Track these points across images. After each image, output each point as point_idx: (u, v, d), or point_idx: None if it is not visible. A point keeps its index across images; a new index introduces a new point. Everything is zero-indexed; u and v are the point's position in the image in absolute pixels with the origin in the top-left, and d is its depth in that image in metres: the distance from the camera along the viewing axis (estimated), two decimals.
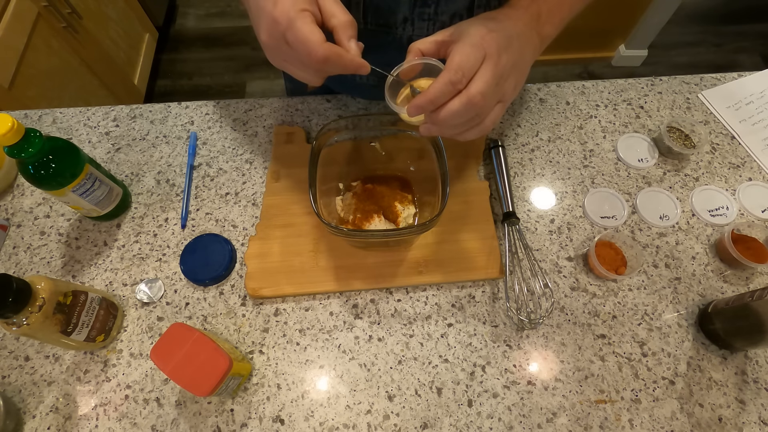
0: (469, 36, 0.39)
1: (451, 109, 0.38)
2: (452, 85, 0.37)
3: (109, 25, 1.56)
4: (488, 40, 0.39)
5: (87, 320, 0.50)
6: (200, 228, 0.62)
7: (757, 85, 0.76)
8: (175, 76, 1.98)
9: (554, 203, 0.65)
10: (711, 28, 2.13)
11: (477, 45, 0.38)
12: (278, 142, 0.68)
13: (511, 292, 0.57)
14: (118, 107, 0.73)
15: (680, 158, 0.68)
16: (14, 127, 0.46)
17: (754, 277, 0.59)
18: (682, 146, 0.67)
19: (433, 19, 0.51)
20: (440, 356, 0.54)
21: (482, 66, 0.38)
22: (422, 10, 0.50)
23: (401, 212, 0.60)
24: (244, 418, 0.51)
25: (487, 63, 0.38)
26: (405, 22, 0.51)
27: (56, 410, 0.51)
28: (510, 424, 0.51)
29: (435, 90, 0.37)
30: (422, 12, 0.50)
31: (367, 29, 0.53)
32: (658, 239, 0.62)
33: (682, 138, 0.69)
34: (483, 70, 0.38)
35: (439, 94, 0.38)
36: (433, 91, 0.37)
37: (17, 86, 1.14)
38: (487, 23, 0.40)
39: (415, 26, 0.52)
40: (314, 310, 0.57)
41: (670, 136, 0.68)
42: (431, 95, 0.38)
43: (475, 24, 0.40)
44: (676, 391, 0.52)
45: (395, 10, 0.50)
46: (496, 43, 0.39)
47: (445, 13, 0.50)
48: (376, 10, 0.50)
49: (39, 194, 0.65)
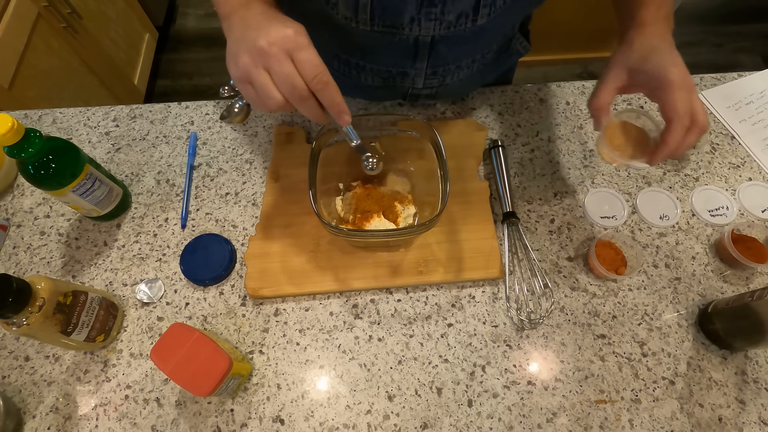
0: (671, 81, 0.46)
1: (689, 144, 0.46)
2: (685, 130, 0.46)
3: (109, 25, 1.56)
4: (685, 76, 0.46)
5: (87, 320, 0.50)
6: (200, 228, 0.62)
7: (757, 85, 0.76)
8: (175, 76, 1.98)
9: (554, 203, 0.65)
10: (711, 28, 2.13)
11: (683, 86, 0.46)
12: (278, 142, 0.68)
13: (511, 292, 0.57)
14: (118, 107, 0.73)
15: (680, 158, 0.68)
16: (14, 127, 0.46)
17: (754, 277, 0.59)
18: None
19: (439, 18, 0.51)
20: (440, 356, 0.54)
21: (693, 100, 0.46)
22: (429, 10, 0.50)
23: (401, 212, 0.60)
24: (244, 418, 0.51)
25: (693, 94, 0.46)
26: (412, 22, 0.52)
27: (56, 410, 0.51)
28: (510, 424, 0.51)
29: (675, 140, 0.46)
30: (429, 12, 0.50)
31: (373, 31, 0.53)
32: (658, 239, 0.62)
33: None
34: (695, 102, 0.46)
35: (678, 143, 0.46)
36: (673, 141, 0.46)
37: (17, 86, 1.14)
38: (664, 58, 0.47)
39: (422, 26, 0.52)
40: (314, 310, 0.57)
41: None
42: (673, 145, 0.46)
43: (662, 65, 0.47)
44: (676, 391, 0.52)
45: (402, 10, 0.50)
46: (685, 71, 0.46)
47: (451, 13, 0.50)
48: (384, 11, 0.51)
49: (39, 194, 0.65)
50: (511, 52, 0.67)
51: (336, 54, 0.61)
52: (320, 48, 0.62)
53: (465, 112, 0.73)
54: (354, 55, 0.60)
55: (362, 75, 0.62)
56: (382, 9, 0.50)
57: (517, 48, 0.67)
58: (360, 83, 0.64)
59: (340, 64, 0.62)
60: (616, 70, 0.49)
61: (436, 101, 0.73)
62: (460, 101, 0.73)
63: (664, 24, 0.50)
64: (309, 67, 0.39)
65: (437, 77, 0.62)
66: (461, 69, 0.61)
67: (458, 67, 0.60)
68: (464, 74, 0.62)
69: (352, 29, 0.53)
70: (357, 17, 0.51)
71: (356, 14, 0.51)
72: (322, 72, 0.39)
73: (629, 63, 0.49)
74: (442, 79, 0.62)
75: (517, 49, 0.68)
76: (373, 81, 0.63)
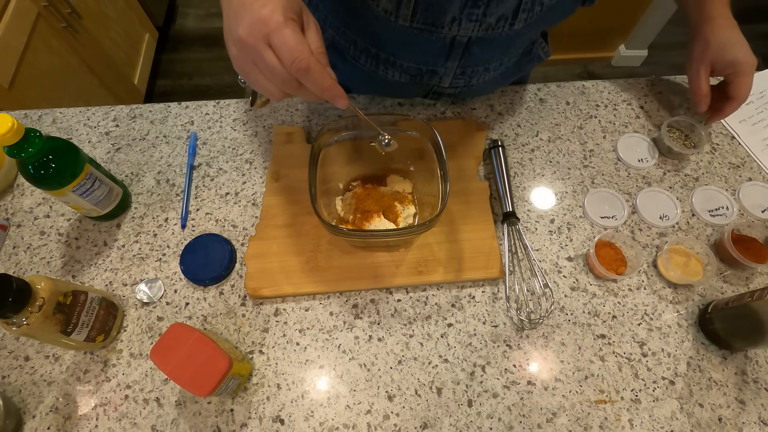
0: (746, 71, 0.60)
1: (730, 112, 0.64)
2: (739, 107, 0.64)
3: (109, 25, 1.56)
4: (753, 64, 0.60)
5: (87, 320, 0.50)
6: (200, 228, 0.62)
7: (757, 85, 0.76)
8: (175, 76, 1.98)
9: (554, 203, 0.65)
10: None
11: (751, 73, 0.60)
12: (278, 142, 0.68)
13: (511, 292, 0.57)
14: (118, 107, 0.73)
15: (680, 158, 0.68)
16: (14, 127, 0.46)
17: (754, 277, 0.59)
18: (682, 146, 0.67)
19: (480, 20, 0.51)
20: (440, 356, 0.54)
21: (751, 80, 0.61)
22: (471, 10, 0.50)
23: (401, 212, 0.60)
24: (244, 418, 0.51)
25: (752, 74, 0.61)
26: (453, 21, 0.51)
27: (56, 410, 0.51)
28: (510, 424, 0.51)
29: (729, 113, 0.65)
30: (471, 12, 0.50)
31: (412, 27, 0.52)
32: (658, 239, 0.62)
33: (682, 138, 0.69)
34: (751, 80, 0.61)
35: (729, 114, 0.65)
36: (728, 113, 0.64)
37: (17, 86, 1.14)
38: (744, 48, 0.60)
39: (462, 26, 0.52)
40: (314, 310, 0.57)
41: (670, 135, 0.68)
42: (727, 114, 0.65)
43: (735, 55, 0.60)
44: (676, 391, 0.52)
45: (446, 9, 0.50)
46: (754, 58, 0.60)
47: (492, 15, 0.50)
48: (427, 8, 0.50)
49: (39, 194, 0.65)
50: (533, 56, 0.68)
51: (365, 48, 0.60)
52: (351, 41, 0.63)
53: (465, 112, 0.73)
54: (385, 50, 0.59)
55: (390, 71, 0.62)
56: (426, 6, 0.50)
57: (538, 53, 0.68)
58: (386, 79, 0.64)
59: (369, 59, 0.62)
60: (703, 65, 0.62)
61: (455, 100, 0.73)
62: (460, 101, 0.73)
63: (726, 12, 0.60)
64: (284, 52, 0.35)
65: (464, 77, 0.62)
66: (488, 71, 0.61)
67: (486, 69, 0.61)
68: (490, 76, 0.63)
69: (389, 23, 0.53)
70: (398, 12, 0.51)
71: (398, 9, 0.50)
72: (299, 57, 0.35)
73: (710, 57, 0.61)
74: (469, 80, 0.62)
75: (538, 54, 0.68)
76: (400, 77, 0.62)
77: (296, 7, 0.37)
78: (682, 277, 0.56)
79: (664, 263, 0.58)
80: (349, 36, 0.61)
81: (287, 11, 0.36)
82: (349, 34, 0.61)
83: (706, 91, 0.63)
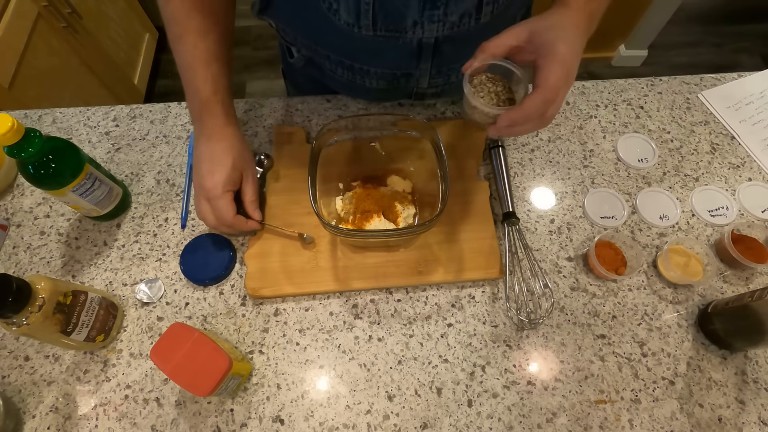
0: (556, 54, 0.42)
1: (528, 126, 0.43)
2: (545, 104, 0.41)
3: (109, 25, 1.56)
4: (570, 59, 0.42)
5: (87, 320, 0.50)
6: (200, 228, 0.62)
7: (757, 86, 0.76)
8: (175, 76, 1.96)
9: (554, 203, 0.65)
10: (711, 29, 2.13)
11: (564, 64, 0.42)
12: (278, 142, 0.68)
13: (511, 292, 0.57)
14: (118, 107, 0.73)
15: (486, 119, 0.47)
16: (14, 127, 0.46)
17: (754, 277, 0.59)
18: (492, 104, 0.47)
19: (442, 20, 0.51)
20: (440, 356, 0.54)
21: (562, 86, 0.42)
22: (431, 12, 0.50)
23: (401, 212, 0.60)
24: (244, 418, 0.51)
25: (566, 83, 0.42)
26: (415, 25, 0.51)
27: (56, 410, 0.51)
28: (510, 424, 0.51)
29: (532, 108, 0.41)
30: (432, 14, 0.50)
31: (376, 35, 0.53)
32: (658, 239, 0.62)
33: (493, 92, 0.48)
34: (563, 90, 0.42)
35: (534, 112, 0.41)
36: (530, 108, 0.41)
37: (17, 86, 1.14)
38: (565, 37, 0.43)
39: (425, 28, 0.52)
40: (314, 310, 0.57)
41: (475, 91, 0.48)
42: (528, 112, 0.41)
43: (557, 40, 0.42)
44: (676, 392, 0.52)
45: (405, 14, 0.50)
46: (575, 64, 0.43)
47: (453, 14, 0.50)
48: (386, 15, 0.50)
49: (39, 194, 0.65)
50: None
51: (339, 60, 0.61)
52: (324, 56, 0.65)
53: None
54: (357, 60, 0.60)
55: (366, 79, 0.62)
56: (384, 14, 0.50)
57: None
58: (365, 86, 0.64)
59: (344, 70, 0.62)
60: (520, 28, 0.44)
61: (442, 99, 0.73)
62: (459, 101, 0.73)
63: (585, 16, 0.47)
64: (217, 215, 0.55)
65: (442, 77, 0.62)
66: None
67: (462, 66, 0.60)
68: None
69: (354, 35, 0.53)
70: (359, 22, 0.51)
71: (359, 20, 0.51)
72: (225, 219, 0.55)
73: (534, 26, 0.44)
74: (447, 78, 0.62)
75: None
76: (378, 84, 0.63)
77: (235, 176, 0.56)
78: (682, 277, 0.56)
79: (664, 263, 0.58)
80: (321, 52, 0.61)
81: (226, 185, 0.54)
82: (320, 50, 0.61)
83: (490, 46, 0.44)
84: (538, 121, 0.43)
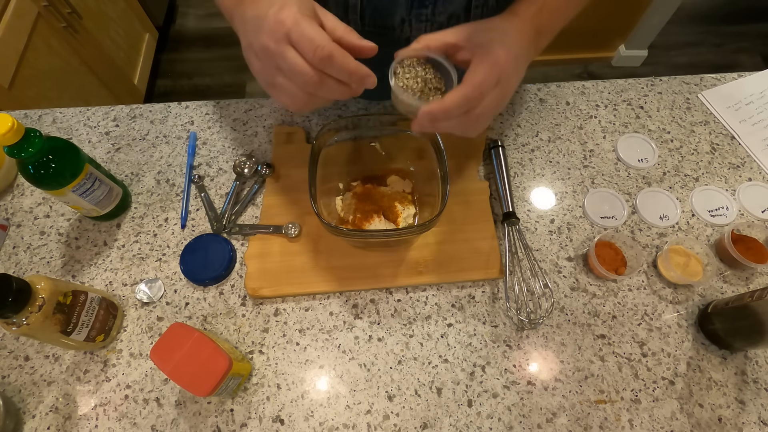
0: (490, 55, 0.39)
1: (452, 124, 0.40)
2: (468, 102, 0.39)
3: (109, 25, 1.56)
4: (505, 64, 0.40)
5: (87, 320, 0.50)
6: (200, 228, 0.62)
7: (757, 86, 0.76)
8: (175, 76, 1.98)
9: (554, 203, 0.65)
10: (711, 29, 2.13)
11: (496, 66, 0.39)
12: (278, 142, 0.68)
13: (511, 292, 0.57)
14: (118, 107, 0.73)
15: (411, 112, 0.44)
16: (14, 127, 0.46)
17: (754, 277, 0.59)
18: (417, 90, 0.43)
19: (430, 20, 0.51)
20: (440, 356, 0.54)
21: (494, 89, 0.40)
22: (419, 11, 0.50)
23: (401, 212, 0.60)
24: (244, 418, 0.51)
25: (498, 87, 0.40)
26: (403, 23, 0.51)
27: (56, 410, 0.51)
28: (510, 424, 0.51)
29: (452, 103, 0.38)
30: (420, 13, 0.50)
31: (364, 31, 0.53)
32: (658, 239, 0.62)
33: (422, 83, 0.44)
34: (493, 93, 0.40)
35: (455, 108, 0.38)
36: (451, 104, 0.38)
37: (17, 86, 1.14)
38: (504, 40, 0.41)
39: (413, 27, 0.52)
40: (314, 310, 0.57)
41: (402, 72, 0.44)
42: (448, 107, 0.38)
43: (494, 41, 0.40)
44: (676, 392, 0.52)
45: (393, 11, 0.50)
46: (511, 68, 0.40)
47: (442, 14, 0.50)
48: (374, 11, 0.51)
49: (39, 194, 0.65)
50: None
51: None
52: None
53: None
54: None
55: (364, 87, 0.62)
56: (372, 9, 0.50)
57: None
58: None
59: None
60: (462, 27, 0.42)
61: None
62: None
63: (532, 27, 0.45)
64: (305, 45, 0.35)
65: None
66: None
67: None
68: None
69: None
70: (347, 18, 0.51)
71: (346, 15, 0.51)
72: (319, 45, 0.35)
73: (476, 26, 0.42)
74: None
75: None
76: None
77: (309, 6, 0.38)
78: (682, 277, 0.56)
79: (664, 263, 0.58)
80: None
81: (302, 10, 0.36)
82: None
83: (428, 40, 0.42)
84: (464, 120, 0.40)
